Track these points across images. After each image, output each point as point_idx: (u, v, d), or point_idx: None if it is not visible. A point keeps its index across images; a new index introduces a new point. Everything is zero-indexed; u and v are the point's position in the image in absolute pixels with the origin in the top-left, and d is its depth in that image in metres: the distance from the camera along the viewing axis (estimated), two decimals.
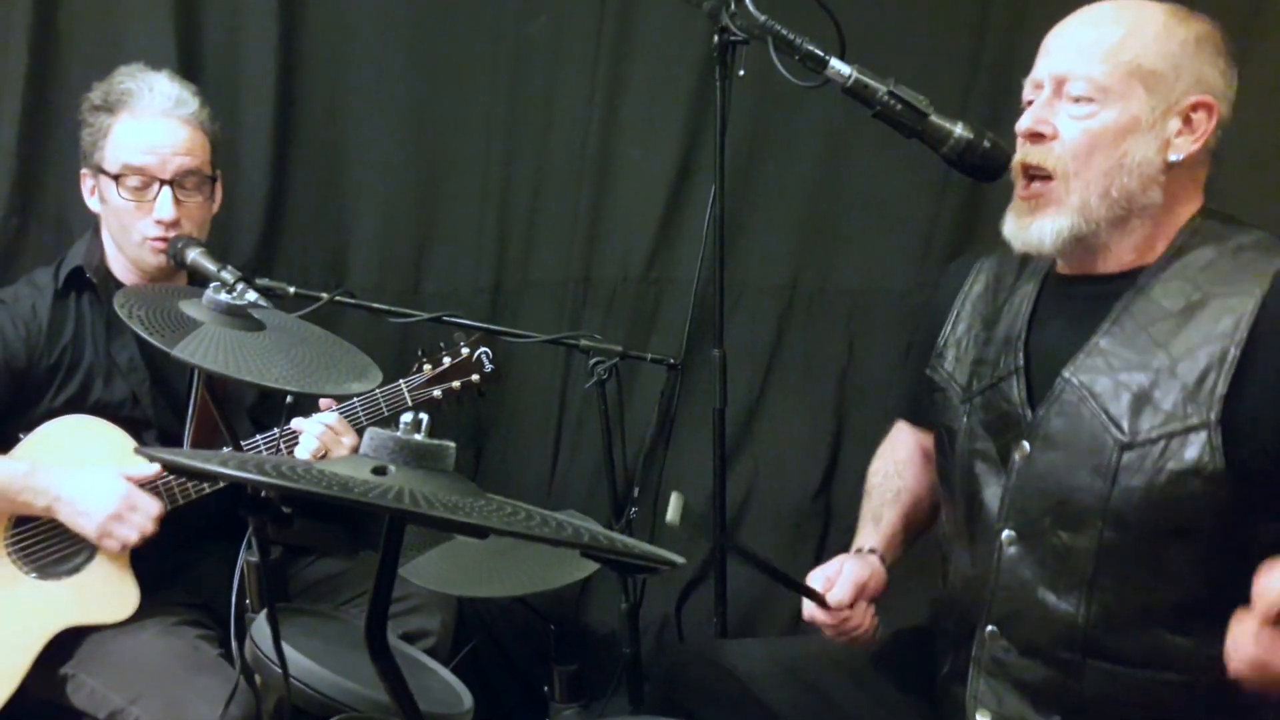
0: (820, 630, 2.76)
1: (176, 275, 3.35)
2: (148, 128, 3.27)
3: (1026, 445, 2.47)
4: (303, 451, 3.26)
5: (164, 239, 3.27)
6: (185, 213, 3.29)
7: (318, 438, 3.26)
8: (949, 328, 2.77)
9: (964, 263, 2.87)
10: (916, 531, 2.96)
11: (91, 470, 3.17)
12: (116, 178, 3.25)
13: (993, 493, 2.54)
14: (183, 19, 3.84)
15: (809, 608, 2.74)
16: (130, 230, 3.28)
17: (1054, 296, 2.60)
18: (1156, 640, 2.38)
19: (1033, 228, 2.49)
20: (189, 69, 3.76)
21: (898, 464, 3.01)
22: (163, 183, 3.26)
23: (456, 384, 3.50)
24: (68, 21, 3.79)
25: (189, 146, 3.30)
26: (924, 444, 2.97)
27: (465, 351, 3.50)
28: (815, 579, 2.75)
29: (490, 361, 3.53)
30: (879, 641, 2.81)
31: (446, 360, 3.49)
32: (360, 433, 3.26)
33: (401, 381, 3.43)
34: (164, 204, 3.25)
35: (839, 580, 2.74)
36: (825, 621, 2.73)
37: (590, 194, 4.15)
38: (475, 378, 3.52)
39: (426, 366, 3.47)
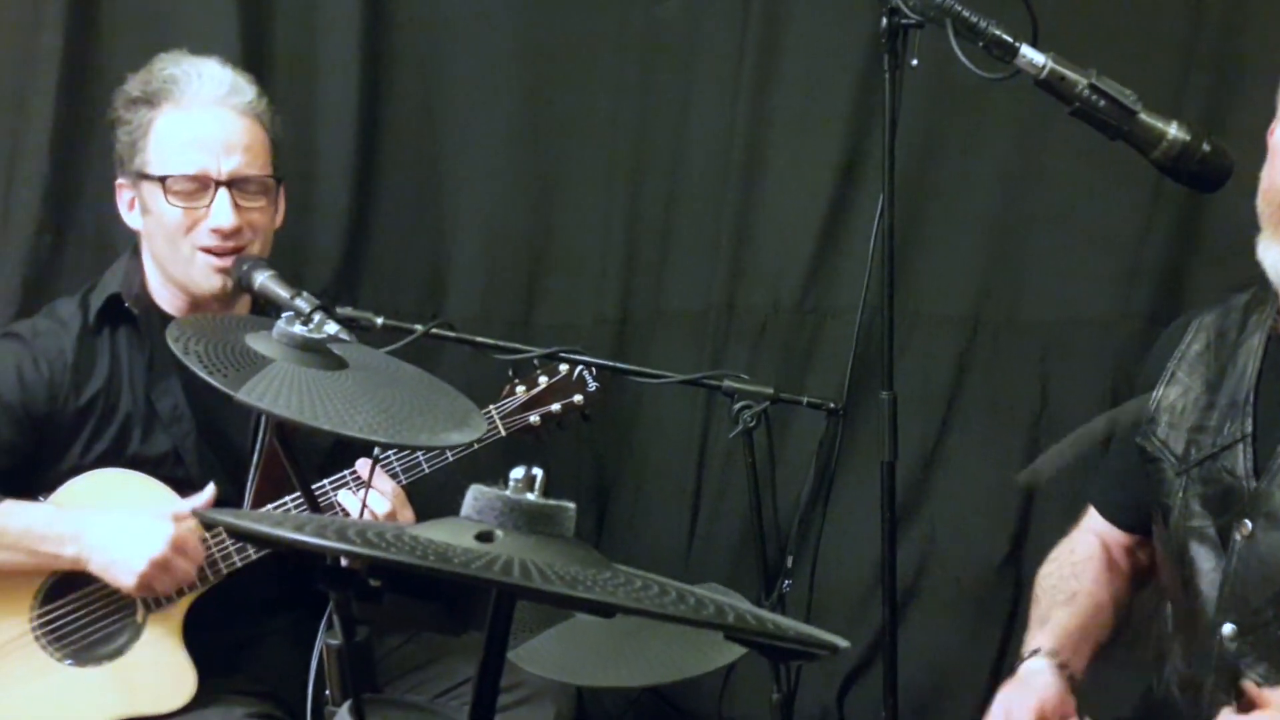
0: None
1: (235, 303, 3.35)
2: (197, 120, 3.24)
3: (1249, 524, 2.44)
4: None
5: (223, 252, 3.24)
6: (247, 221, 3.26)
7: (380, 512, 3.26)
8: (1160, 390, 2.75)
9: (1180, 323, 2.86)
10: (1096, 641, 2.90)
11: (134, 513, 3.16)
12: (162, 181, 3.22)
13: (1210, 579, 2.52)
14: (249, 6, 3.89)
15: None
16: (179, 245, 3.25)
17: None
18: None
19: None
20: (256, 64, 3.79)
21: (1074, 565, 2.96)
22: (218, 184, 3.23)
23: (556, 407, 3.50)
24: (110, 6, 3.85)
25: (248, 141, 3.27)
26: (1110, 540, 2.93)
27: (563, 370, 3.49)
28: None
29: (594, 379, 3.51)
30: None
31: (543, 380, 3.49)
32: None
33: (492, 408, 3.43)
34: (221, 209, 3.22)
35: None
36: None
37: (735, 208, 4.15)
38: (578, 398, 3.52)
39: (520, 389, 3.47)
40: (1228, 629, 2.47)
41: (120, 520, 3.14)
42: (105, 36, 3.82)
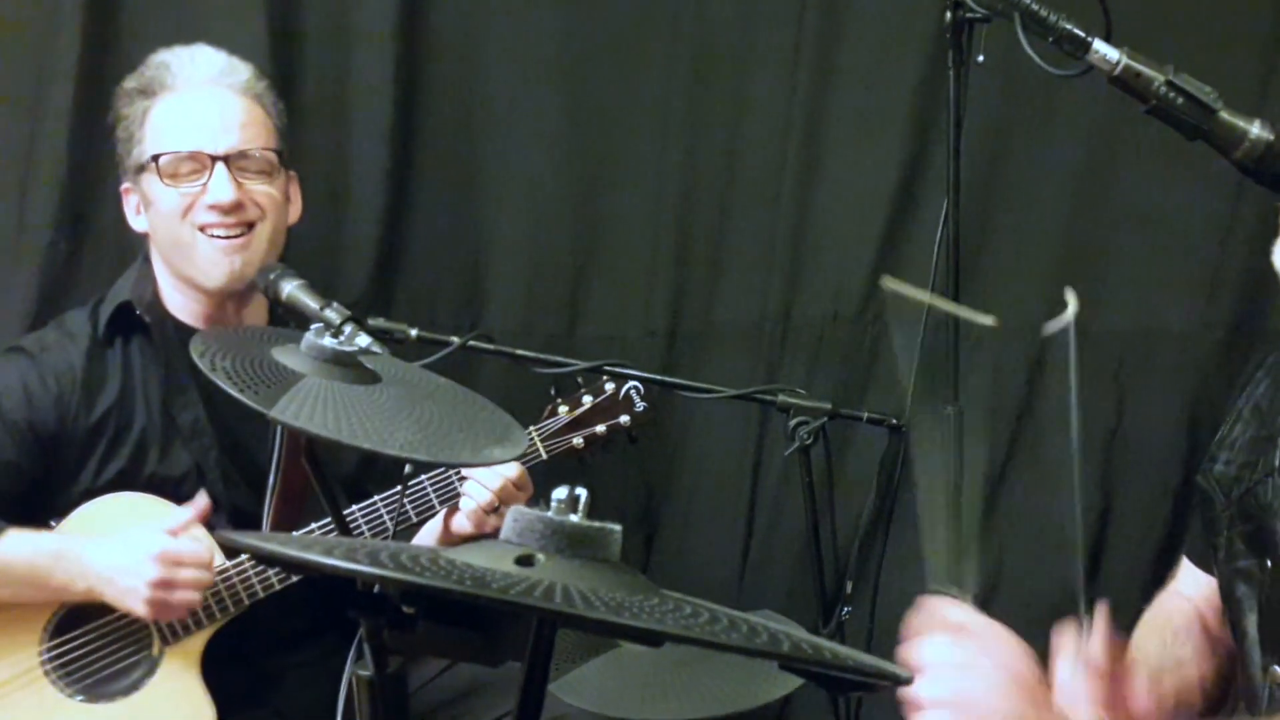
0: None
1: (250, 300, 3.35)
2: (192, 100, 3.26)
3: (1269, 561, 2.42)
4: (469, 503, 3.24)
5: (226, 231, 3.23)
6: (250, 198, 3.25)
7: (492, 489, 3.25)
8: (1225, 428, 2.74)
9: (1257, 358, 2.83)
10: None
11: (126, 534, 3.14)
12: (156, 161, 3.23)
13: (1253, 620, 2.51)
14: (277, 5, 3.91)
15: None
16: (179, 231, 3.25)
17: None
18: None
19: None
20: (285, 64, 3.82)
21: (1174, 633, 2.89)
22: (215, 159, 3.22)
23: (601, 428, 3.49)
24: (130, 3, 3.86)
25: (245, 119, 3.28)
26: (1204, 604, 2.88)
27: (609, 388, 3.48)
28: None
29: (641, 398, 3.50)
30: None
31: (587, 400, 3.48)
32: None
33: (533, 429, 3.42)
34: (219, 183, 3.21)
35: None
36: None
37: (791, 213, 4.15)
38: (624, 419, 3.51)
39: (563, 409, 3.46)
40: (1276, 669, 2.45)
41: (112, 545, 3.13)
42: (125, 36, 3.83)
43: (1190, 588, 2.92)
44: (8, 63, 3.83)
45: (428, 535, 3.39)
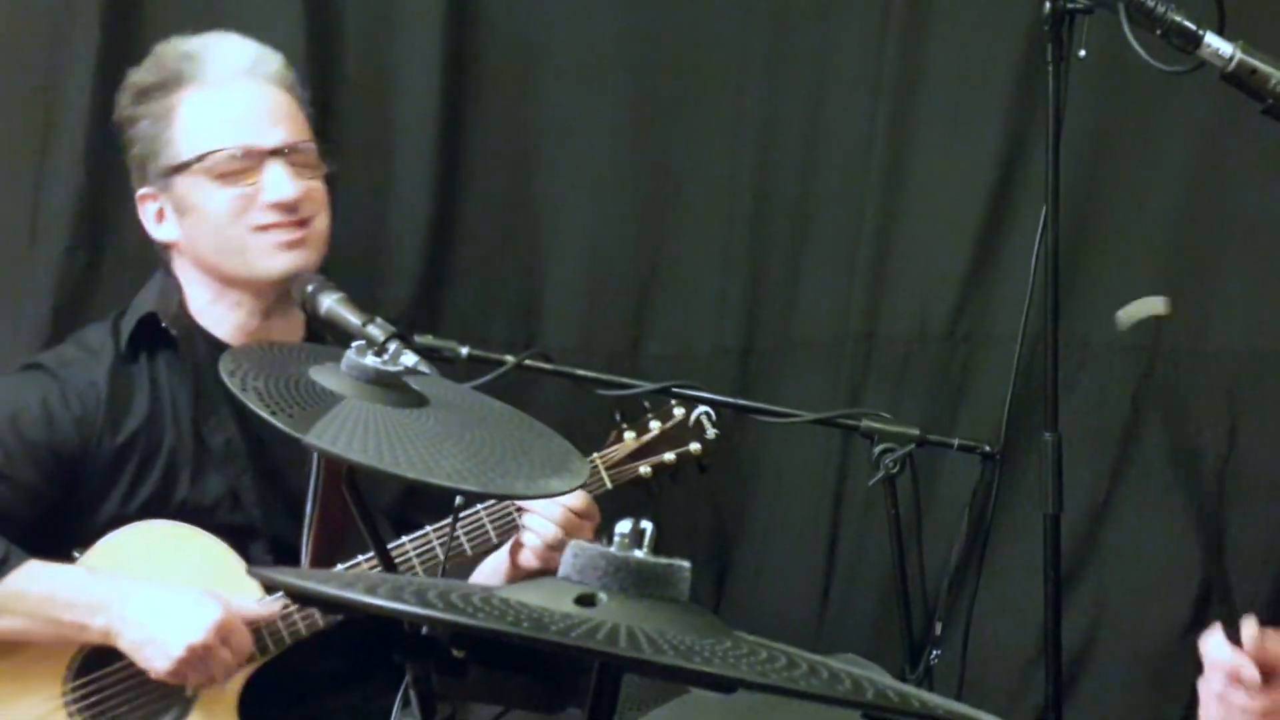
0: None
1: (289, 313, 3.35)
2: (229, 94, 3.26)
3: None
4: (534, 539, 3.23)
5: (286, 227, 3.23)
6: (309, 200, 3.26)
7: (554, 518, 3.24)
8: None
9: None
10: None
11: (175, 586, 3.15)
12: (202, 162, 3.21)
13: None
14: None
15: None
16: (230, 234, 3.23)
17: None
18: None
19: None
20: (323, 60, 3.83)
21: None
22: (267, 154, 3.22)
23: (670, 456, 3.48)
24: None
25: (287, 110, 3.29)
26: None
27: (679, 413, 3.48)
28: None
29: (713, 424, 3.50)
30: None
31: (654, 425, 3.48)
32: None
33: (596, 456, 3.42)
34: (279, 179, 3.22)
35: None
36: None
37: (875, 222, 4.15)
38: (695, 447, 3.50)
39: (629, 435, 3.46)
40: None
41: (161, 594, 3.13)
42: (148, 30, 3.82)
43: None
44: (20, 51, 3.86)
45: (491, 573, 3.39)
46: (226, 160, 3.21)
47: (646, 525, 1.71)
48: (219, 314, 3.34)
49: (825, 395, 4.15)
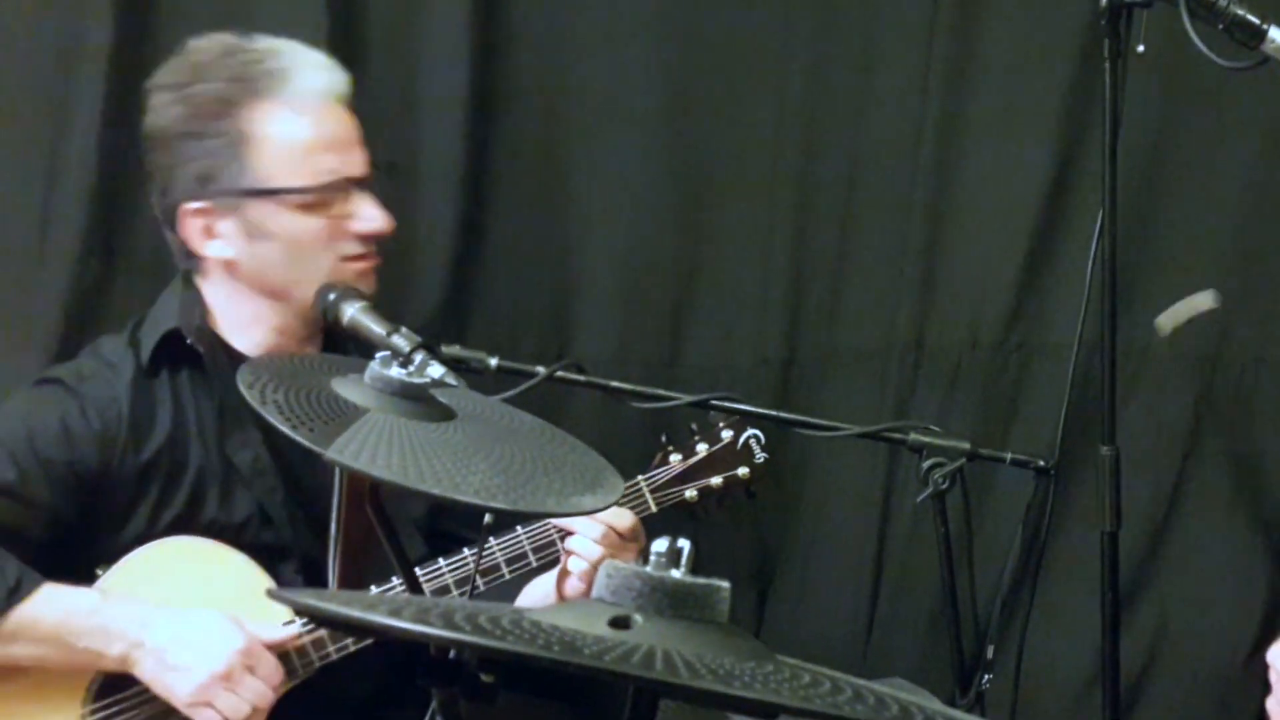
0: None
1: (316, 336, 3.37)
2: (321, 118, 3.26)
3: None
4: (579, 564, 3.23)
5: (370, 257, 3.29)
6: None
7: (597, 540, 3.23)
8: None
9: None
10: None
11: (199, 611, 3.16)
12: (299, 194, 3.21)
13: None
14: None
15: None
16: (318, 261, 3.25)
17: None
18: None
19: None
20: (346, 56, 3.80)
21: None
22: (352, 182, 3.26)
23: (717, 480, 3.48)
24: None
25: (361, 135, 3.31)
26: None
27: (727, 435, 3.48)
28: None
29: (762, 448, 3.49)
30: None
31: (701, 448, 3.49)
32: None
33: (641, 479, 3.43)
34: (371, 210, 3.27)
35: None
36: None
37: (923, 224, 4.16)
38: (743, 471, 3.51)
39: (675, 457, 3.47)
40: None
41: (180, 621, 3.14)
42: (164, 26, 3.84)
43: None
44: (29, 48, 3.87)
45: (537, 596, 3.39)
46: (322, 192, 3.23)
47: (684, 544, 1.71)
48: (253, 332, 3.34)
49: (871, 407, 4.16)
